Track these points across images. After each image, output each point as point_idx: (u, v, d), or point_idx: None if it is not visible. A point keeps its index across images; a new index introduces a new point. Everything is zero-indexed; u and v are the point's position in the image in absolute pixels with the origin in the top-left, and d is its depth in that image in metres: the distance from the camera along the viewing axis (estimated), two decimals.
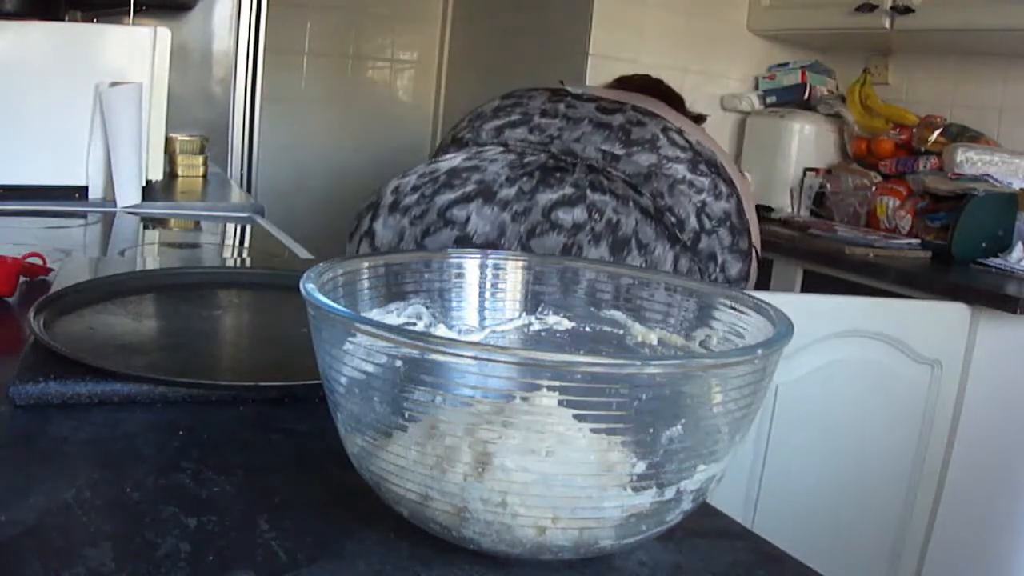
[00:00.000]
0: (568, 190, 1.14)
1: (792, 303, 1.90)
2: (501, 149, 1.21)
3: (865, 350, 1.91)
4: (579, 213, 1.13)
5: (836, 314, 1.88)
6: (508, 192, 1.14)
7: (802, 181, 2.85)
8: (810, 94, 2.92)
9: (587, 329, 0.69)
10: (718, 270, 1.23)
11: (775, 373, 0.52)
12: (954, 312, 1.87)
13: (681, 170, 1.19)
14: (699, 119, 1.42)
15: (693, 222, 1.21)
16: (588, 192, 1.14)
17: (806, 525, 2.11)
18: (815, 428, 1.91)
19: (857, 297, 1.94)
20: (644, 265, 1.14)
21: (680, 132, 1.23)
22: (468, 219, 1.13)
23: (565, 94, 1.29)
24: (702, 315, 0.64)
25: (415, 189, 1.19)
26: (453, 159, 1.21)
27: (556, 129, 1.22)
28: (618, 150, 1.19)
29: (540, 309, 0.70)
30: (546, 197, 1.13)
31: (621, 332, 0.68)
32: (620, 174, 1.20)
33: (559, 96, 1.29)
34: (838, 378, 1.91)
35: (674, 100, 1.42)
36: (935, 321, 1.89)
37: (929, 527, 1.91)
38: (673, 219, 1.19)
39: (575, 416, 0.47)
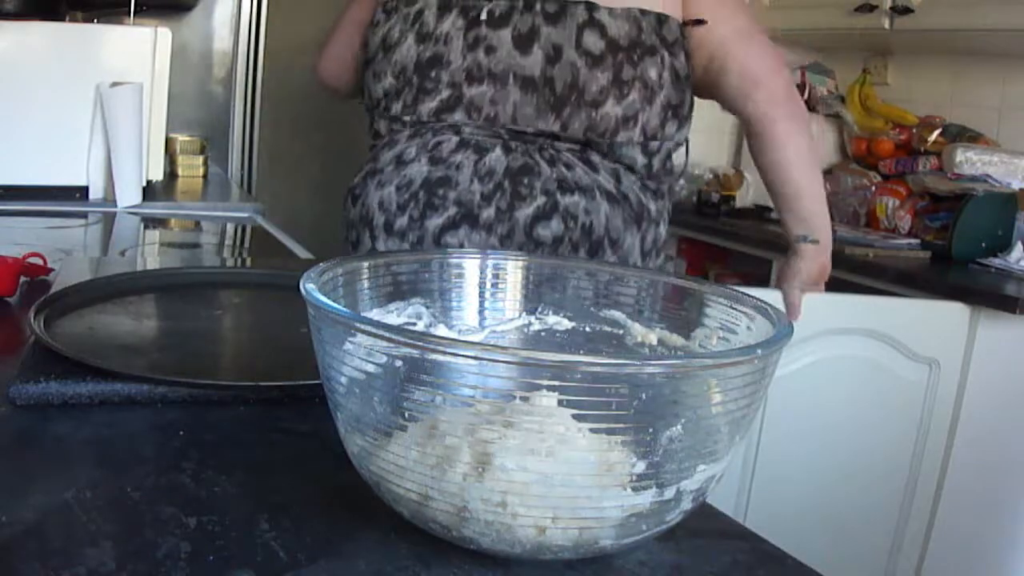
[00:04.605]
0: (540, 200, 1.19)
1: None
2: (457, 141, 1.22)
3: (860, 347, 1.93)
4: (556, 225, 1.19)
5: (831, 311, 1.89)
6: (489, 213, 1.20)
7: None
8: (810, 94, 2.92)
9: (587, 329, 0.69)
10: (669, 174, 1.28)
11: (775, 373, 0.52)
12: (953, 312, 1.87)
13: (611, 111, 1.19)
14: None
15: (641, 160, 1.24)
16: (558, 196, 1.19)
17: (799, 518, 2.12)
18: (807, 422, 1.94)
19: (853, 295, 1.95)
20: (617, 261, 1.22)
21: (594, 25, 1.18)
22: (462, 246, 1.21)
23: (478, 22, 1.22)
24: (702, 315, 0.64)
25: (401, 208, 1.23)
26: (419, 163, 1.23)
27: (489, 102, 1.21)
28: (553, 124, 1.20)
29: (540, 309, 0.70)
30: (524, 213, 1.19)
31: (621, 332, 0.68)
32: (567, 148, 1.21)
33: (471, 30, 1.22)
34: (831, 374, 1.94)
35: None
36: (933, 320, 1.89)
37: (929, 526, 1.92)
38: (624, 166, 1.23)
39: (575, 416, 0.47)
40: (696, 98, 1.32)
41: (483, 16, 1.21)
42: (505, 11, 1.21)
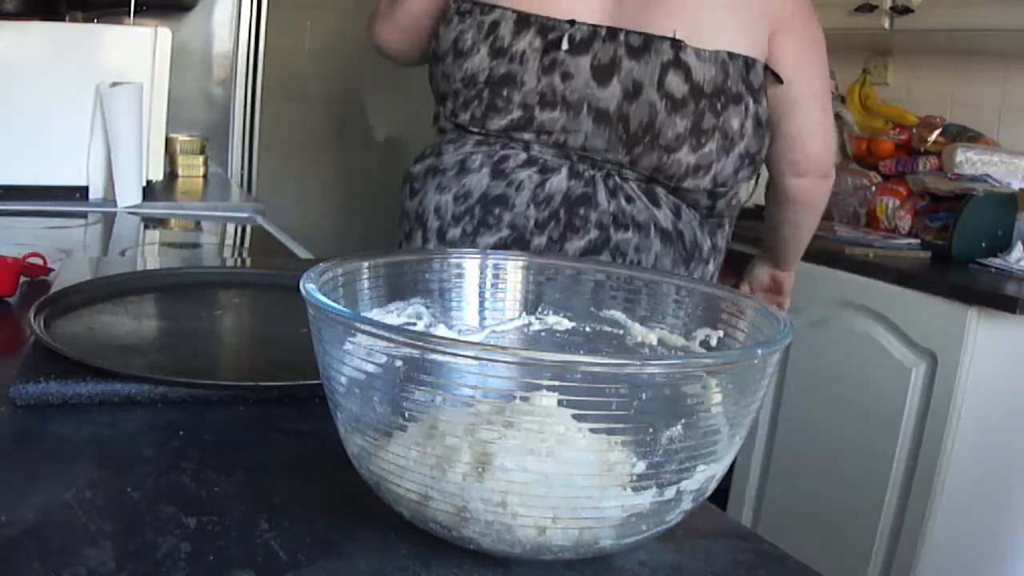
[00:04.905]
0: (593, 233, 1.17)
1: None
2: (524, 158, 1.19)
3: (859, 324, 2.05)
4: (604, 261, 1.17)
5: (836, 285, 2.06)
6: (540, 241, 1.18)
7: None
8: None
9: (587, 329, 0.69)
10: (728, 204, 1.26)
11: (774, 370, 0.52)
12: (953, 311, 1.88)
13: (684, 159, 1.16)
14: None
15: (705, 202, 1.21)
16: (612, 232, 1.17)
17: (779, 484, 2.15)
18: (810, 394, 2.11)
19: (865, 277, 2.05)
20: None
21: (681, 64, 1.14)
22: None
23: (556, 45, 1.17)
24: (702, 315, 0.64)
25: (456, 220, 1.22)
26: (480, 174, 1.21)
27: (560, 129, 1.17)
28: (622, 157, 1.17)
29: (540, 309, 0.70)
30: (574, 246, 1.17)
31: (621, 332, 0.68)
32: (634, 177, 1.19)
33: (548, 53, 1.17)
34: (824, 341, 2.09)
35: None
36: (933, 315, 1.91)
37: (927, 526, 1.92)
38: (687, 204, 1.20)
39: (575, 416, 0.47)
40: None
41: (563, 40, 1.16)
42: (587, 37, 1.16)
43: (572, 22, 1.16)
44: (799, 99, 1.23)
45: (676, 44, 1.13)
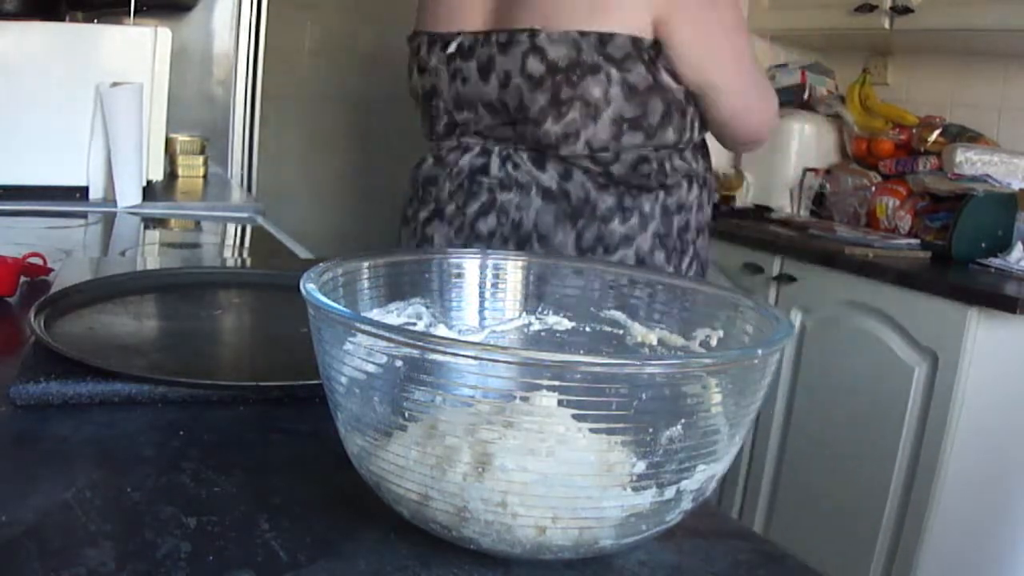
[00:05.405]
0: (484, 197, 1.32)
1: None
2: (455, 145, 1.36)
3: (863, 323, 2.05)
4: (491, 220, 1.32)
5: (837, 285, 2.07)
6: (451, 209, 1.35)
7: (802, 181, 2.85)
8: (810, 94, 2.92)
9: (587, 329, 0.69)
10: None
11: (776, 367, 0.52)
12: (953, 311, 1.88)
13: (551, 129, 1.26)
14: None
15: (595, 167, 1.29)
16: (497, 194, 1.31)
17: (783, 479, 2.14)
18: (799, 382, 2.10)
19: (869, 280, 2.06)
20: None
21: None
22: (433, 237, 1.37)
23: (454, 56, 1.33)
24: (702, 315, 0.64)
25: (409, 202, 1.43)
26: (427, 163, 1.40)
27: (471, 123, 1.33)
28: (512, 135, 1.30)
29: (540, 309, 0.70)
30: (471, 209, 1.33)
31: (621, 332, 0.68)
32: (525, 148, 1.30)
33: (451, 63, 1.33)
34: (832, 340, 2.09)
35: None
36: (934, 316, 1.91)
37: (928, 523, 1.92)
38: (580, 168, 1.29)
39: (575, 416, 0.47)
40: None
41: (453, 49, 1.33)
42: (471, 44, 1.32)
43: (459, 33, 1.32)
44: (716, 85, 1.29)
45: (532, 33, 1.25)
